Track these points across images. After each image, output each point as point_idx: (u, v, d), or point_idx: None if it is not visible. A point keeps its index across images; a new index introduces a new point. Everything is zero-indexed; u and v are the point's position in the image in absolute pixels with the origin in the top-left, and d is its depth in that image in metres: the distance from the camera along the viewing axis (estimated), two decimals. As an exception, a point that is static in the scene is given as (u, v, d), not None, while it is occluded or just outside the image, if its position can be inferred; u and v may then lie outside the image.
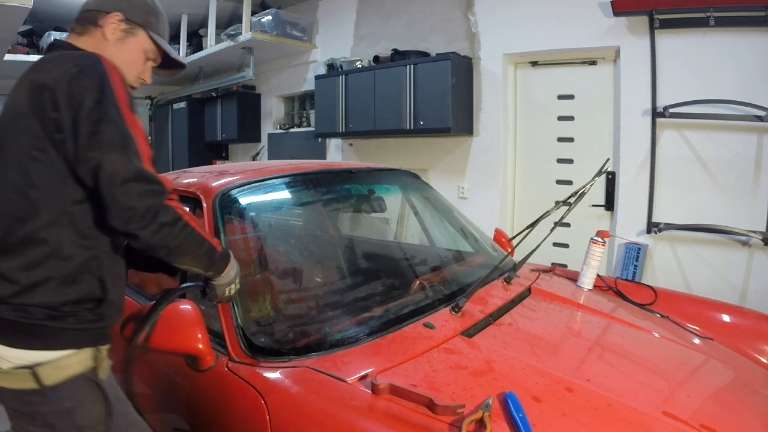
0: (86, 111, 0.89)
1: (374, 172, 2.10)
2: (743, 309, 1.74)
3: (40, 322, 0.91)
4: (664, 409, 1.08)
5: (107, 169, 0.88)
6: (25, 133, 0.93)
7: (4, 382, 0.92)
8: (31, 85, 0.94)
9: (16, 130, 0.94)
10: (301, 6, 4.77)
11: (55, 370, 0.92)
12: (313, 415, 1.02)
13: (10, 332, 0.91)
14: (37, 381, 0.90)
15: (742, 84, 2.55)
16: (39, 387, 0.90)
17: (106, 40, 1.09)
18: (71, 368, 0.94)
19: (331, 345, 1.25)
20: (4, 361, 0.91)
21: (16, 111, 0.95)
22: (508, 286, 1.71)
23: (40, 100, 0.92)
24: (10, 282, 0.91)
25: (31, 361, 0.90)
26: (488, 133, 3.53)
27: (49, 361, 0.91)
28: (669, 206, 2.83)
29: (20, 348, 0.91)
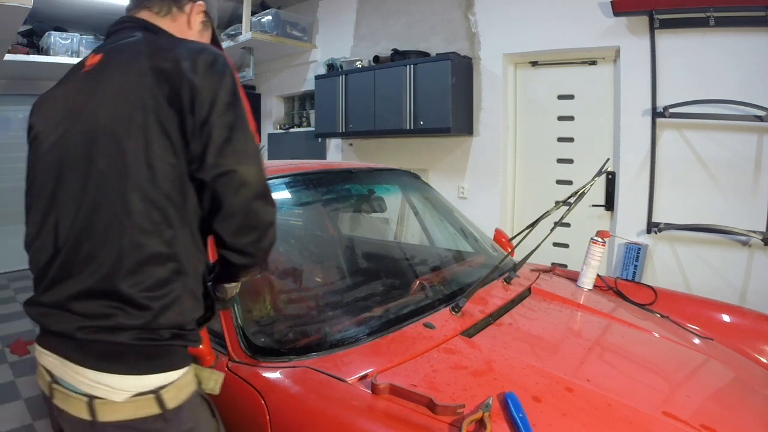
0: (220, 111, 0.80)
1: (374, 172, 2.10)
2: (743, 309, 1.74)
3: (165, 342, 0.82)
4: (664, 409, 1.08)
5: (240, 180, 0.80)
6: (154, 129, 0.79)
7: (116, 415, 0.79)
8: (154, 71, 0.81)
9: (142, 125, 0.79)
10: (301, 6, 4.77)
11: (178, 390, 0.84)
12: (313, 415, 1.02)
13: (131, 358, 0.80)
14: (160, 405, 0.81)
15: (742, 84, 2.55)
16: (162, 411, 0.81)
17: (189, 28, 1.00)
18: (190, 386, 0.87)
19: (331, 345, 1.25)
20: (119, 393, 0.79)
21: (130, 102, 0.80)
22: (508, 286, 1.71)
23: (173, 90, 0.79)
24: (140, 308, 0.79)
25: (155, 385, 0.81)
26: (488, 133, 3.53)
27: (171, 382, 0.83)
28: (669, 206, 2.83)
29: (142, 374, 0.80)
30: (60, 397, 0.81)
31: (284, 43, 4.37)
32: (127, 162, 0.78)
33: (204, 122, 0.79)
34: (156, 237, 0.80)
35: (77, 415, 0.79)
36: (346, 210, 2.27)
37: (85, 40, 4.37)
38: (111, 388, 0.78)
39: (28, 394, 2.46)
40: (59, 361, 0.80)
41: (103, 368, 0.78)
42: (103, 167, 0.79)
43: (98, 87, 0.84)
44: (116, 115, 0.80)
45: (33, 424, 2.21)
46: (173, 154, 0.80)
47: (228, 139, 0.80)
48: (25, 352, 2.98)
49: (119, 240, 0.78)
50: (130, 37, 0.90)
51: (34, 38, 4.35)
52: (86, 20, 4.64)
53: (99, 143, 0.80)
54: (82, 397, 0.78)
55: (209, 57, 0.82)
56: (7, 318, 3.61)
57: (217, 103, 0.80)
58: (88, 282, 0.79)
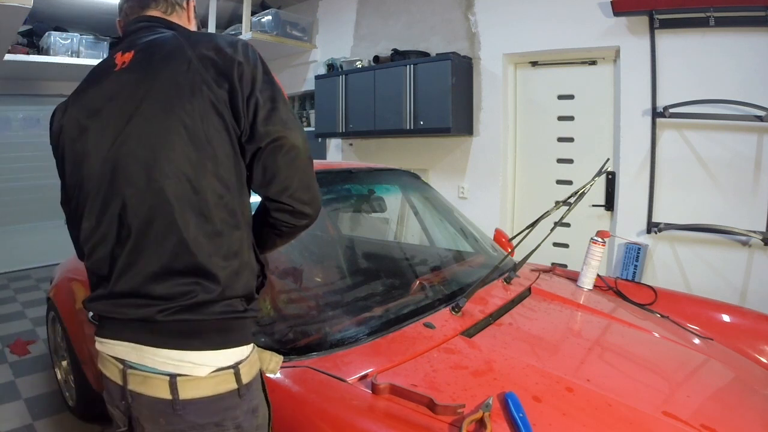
0: (261, 87, 0.86)
1: (374, 172, 2.10)
2: (743, 309, 1.74)
3: (240, 315, 0.85)
4: (664, 409, 1.08)
5: (291, 144, 0.86)
6: (208, 110, 0.83)
7: (198, 392, 0.81)
8: (200, 59, 0.85)
9: (198, 107, 0.83)
10: (301, 6, 4.77)
11: (250, 366, 0.87)
12: (314, 415, 1.02)
13: (212, 334, 0.83)
14: (237, 380, 0.84)
15: (742, 84, 2.55)
16: (238, 387, 0.84)
17: (189, 23, 1.07)
18: (257, 364, 0.91)
19: (332, 345, 1.25)
20: (201, 368, 0.81)
21: (183, 87, 0.83)
22: (508, 286, 1.71)
23: (221, 72, 0.85)
24: (215, 280, 0.82)
25: (233, 360, 0.84)
26: (488, 133, 3.53)
27: (246, 357, 0.86)
28: (669, 206, 2.83)
29: (222, 348, 0.83)
30: (137, 381, 0.82)
31: (284, 43, 4.37)
32: (188, 140, 0.82)
33: (249, 96, 0.85)
34: (222, 208, 0.84)
35: (157, 395, 0.81)
36: (347, 210, 2.27)
37: (85, 40, 4.37)
38: (193, 364, 0.81)
39: (28, 394, 2.46)
40: (132, 348, 0.82)
41: (185, 346, 0.81)
42: (168, 151, 0.82)
43: (144, 80, 0.86)
44: (172, 102, 0.83)
45: (33, 424, 2.21)
46: (225, 129, 0.84)
47: (273, 110, 0.86)
48: (25, 352, 2.97)
49: (189, 215, 0.81)
50: (158, 34, 0.94)
51: (34, 38, 4.34)
52: (86, 20, 4.64)
53: (158, 131, 0.83)
54: (164, 376, 0.80)
55: (244, 44, 0.90)
56: (7, 318, 3.61)
57: (257, 79, 0.86)
58: (164, 260, 0.81)
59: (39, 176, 4.99)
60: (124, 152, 0.84)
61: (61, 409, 2.31)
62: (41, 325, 3.38)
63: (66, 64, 4.19)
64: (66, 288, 2.17)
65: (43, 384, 2.56)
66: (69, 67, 4.25)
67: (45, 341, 2.88)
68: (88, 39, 4.40)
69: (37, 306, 3.84)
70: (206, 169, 0.82)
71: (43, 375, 2.66)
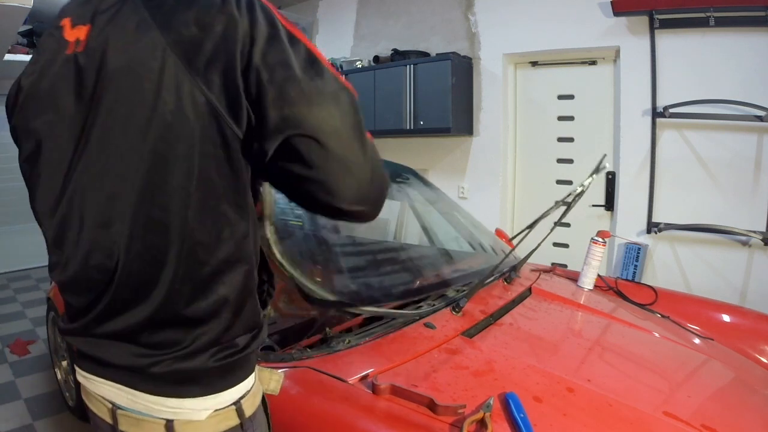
0: (263, 48, 0.61)
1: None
2: (743, 309, 1.75)
3: (242, 352, 0.73)
4: (664, 409, 1.08)
5: (325, 128, 0.61)
6: (195, 123, 0.61)
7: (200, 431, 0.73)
8: (174, 47, 0.61)
9: (184, 127, 0.61)
10: (301, 6, 4.77)
11: (253, 397, 0.78)
12: (314, 416, 1.02)
13: (211, 379, 0.72)
14: (240, 415, 0.75)
15: (742, 84, 2.55)
16: (241, 421, 0.75)
17: None
18: (260, 390, 0.82)
19: (332, 345, 1.25)
20: (200, 413, 0.72)
21: (149, 87, 0.61)
22: (508, 286, 1.71)
23: (205, 57, 0.60)
24: (209, 322, 0.70)
25: (235, 398, 0.75)
26: (488, 133, 3.53)
27: (248, 390, 0.77)
28: (669, 206, 2.83)
29: (223, 391, 0.73)
30: (129, 422, 0.73)
31: (284, 43, 4.37)
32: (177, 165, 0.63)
33: (245, 71, 0.60)
34: (216, 246, 0.67)
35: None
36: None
37: (84, 40, 4.36)
38: (192, 410, 0.71)
39: (28, 394, 2.46)
40: (124, 392, 0.72)
41: (182, 394, 0.70)
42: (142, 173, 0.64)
43: (105, 78, 0.65)
44: (142, 119, 0.62)
45: (33, 424, 2.21)
46: (220, 141, 0.63)
47: (287, 79, 0.60)
48: (25, 352, 2.97)
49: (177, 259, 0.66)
50: (119, 1, 0.67)
51: (34, 38, 4.34)
52: (86, 20, 4.64)
53: (131, 157, 0.64)
54: (160, 420, 0.71)
55: (231, 7, 0.62)
56: (7, 318, 3.61)
57: (255, 42, 0.61)
58: (151, 309, 0.67)
59: (39, 176, 4.99)
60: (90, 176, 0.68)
61: (61, 409, 2.31)
62: (41, 325, 3.38)
63: (66, 64, 4.19)
64: (66, 288, 2.17)
65: (43, 384, 2.56)
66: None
67: (45, 341, 2.88)
68: (87, 39, 4.39)
69: (37, 306, 3.84)
70: (214, 210, 0.66)
71: (43, 375, 2.66)
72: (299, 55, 0.64)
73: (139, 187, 0.64)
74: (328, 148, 0.62)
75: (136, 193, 0.64)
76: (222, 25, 0.61)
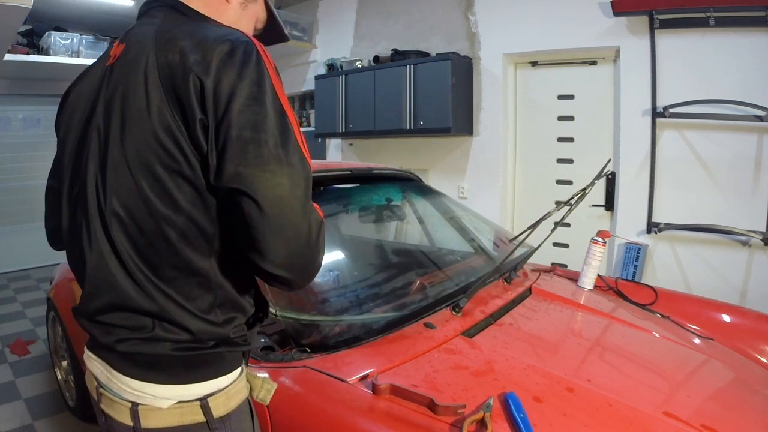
0: (240, 107, 0.67)
1: (373, 173, 2.09)
2: (743, 309, 1.75)
3: (209, 350, 0.76)
4: (664, 409, 1.08)
5: (268, 195, 0.66)
6: (164, 141, 0.69)
7: (159, 422, 0.75)
8: (159, 67, 0.70)
9: (150, 139, 0.69)
10: (301, 6, 4.77)
11: (227, 398, 0.79)
12: (314, 416, 1.02)
13: (174, 369, 0.75)
14: (205, 413, 0.76)
15: (742, 84, 2.55)
16: (206, 420, 0.76)
17: (227, 1, 0.85)
18: (241, 393, 0.82)
19: (332, 345, 1.25)
20: (162, 401, 0.75)
21: (136, 110, 0.70)
22: (508, 286, 1.71)
23: (176, 89, 0.68)
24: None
25: (201, 393, 0.76)
26: (488, 133, 3.53)
27: (221, 389, 0.78)
28: (669, 206, 2.83)
29: (187, 383, 0.76)
30: (106, 402, 0.79)
31: (284, 43, 4.37)
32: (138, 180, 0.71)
33: (219, 122, 0.67)
34: (185, 254, 0.72)
35: (121, 420, 0.77)
36: (347, 210, 2.27)
37: (85, 40, 4.37)
38: (154, 397, 0.75)
39: (28, 394, 2.46)
40: (105, 369, 0.78)
41: (146, 378, 0.75)
42: (114, 182, 0.73)
43: (113, 90, 0.75)
44: (124, 129, 0.71)
45: (33, 424, 2.21)
46: (186, 165, 0.69)
47: (252, 141, 0.66)
48: (25, 352, 2.97)
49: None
50: (149, 25, 0.78)
51: (34, 38, 4.34)
52: (86, 20, 4.64)
53: (109, 155, 0.74)
54: (126, 403, 0.76)
55: (226, 46, 0.69)
56: (7, 318, 3.61)
57: (235, 97, 0.67)
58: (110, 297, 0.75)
59: (39, 176, 4.98)
60: (81, 177, 0.79)
61: (61, 409, 2.31)
62: (41, 325, 3.38)
63: (66, 64, 4.19)
64: (66, 288, 2.17)
65: (43, 384, 2.56)
66: (69, 67, 4.25)
67: (45, 341, 2.88)
68: (88, 39, 4.40)
69: (37, 306, 3.84)
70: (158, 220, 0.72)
71: (43, 375, 2.66)
72: (273, 120, 0.69)
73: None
74: (267, 213, 0.66)
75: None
76: (209, 70, 0.68)
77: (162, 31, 0.74)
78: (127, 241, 0.73)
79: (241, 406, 0.81)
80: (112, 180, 0.72)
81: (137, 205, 0.71)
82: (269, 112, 0.69)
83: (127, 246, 0.73)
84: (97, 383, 0.81)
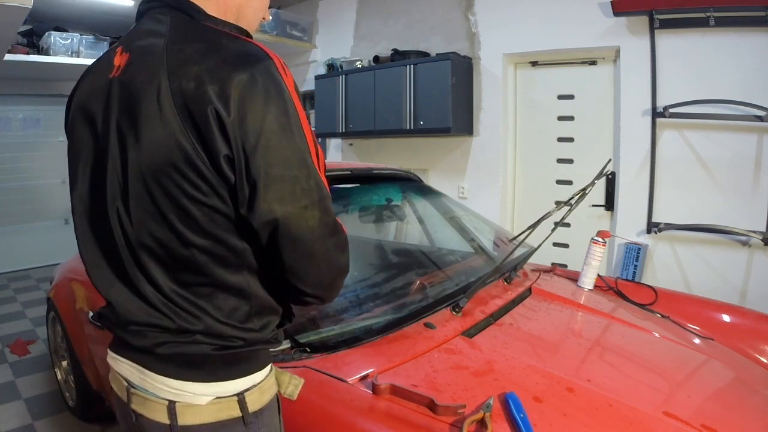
0: (269, 143, 0.67)
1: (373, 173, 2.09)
2: (743, 309, 1.75)
3: (246, 348, 0.79)
4: (664, 409, 1.08)
5: (299, 226, 0.70)
6: (189, 178, 0.68)
7: (196, 419, 0.76)
8: (175, 95, 0.67)
9: (174, 172, 0.68)
10: (301, 6, 4.77)
11: (261, 393, 0.81)
12: (314, 416, 1.02)
13: (213, 367, 0.77)
14: (242, 408, 0.78)
15: (742, 84, 2.55)
16: (242, 415, 0.78)
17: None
18: (272, 389, 0.84)
19: (332, 345, 1.25)
20: (201, 398, 0.76)
21: (153, 139, 0.68)
22: (508, 286, 1.71)
23: (197, 126, 0.66)
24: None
25: (238, 389, 0.78)
26: (488, 133, 3.53)
27: (255, 384, 0.80)
28: (669, 206, 2.83)
29: (225, 380, 0.77)
30: (138, 402, 0.79)
31: (284, 43, 4.37)
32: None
33: (248, 159, 0.66)
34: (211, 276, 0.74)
35: (156, 419, 0.77)
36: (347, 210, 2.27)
37: (85, 40, 4.37)
38: (193, 394, 0.76)
39: (28, 394, 2.46)
40: (137, 370, 0.79)
41: (185, 377, 0.76)
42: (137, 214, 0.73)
43: (124, 113, 0.72)
44: (141, 159, 0.70)
45: (33, 424, 2.21)
46: (212, 195, 0.70)
47: (282, 178, 0.68)
48: (25, 352, 2.98)
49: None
50: (155, 34, 0.74)
51: (34, 38, 4.34)
52: (86, 20, 4.64)
53: (131, 187, 0.72)
54: (163, 401, 0.76)
55: (245, 75, 0.66)
56: (7, 318, 3.61)
57: (264, 133, 0.66)
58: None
59: (39, 176, 4.99)
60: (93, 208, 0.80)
61: (61, 409, 2.31)
62: (41, 325, 3.38)
63: (66, 64, 4.19)
64: (66, 288, 2.17)
65: (43, 384, 2.56)
66: (69, 67, 4.25)
67: (45, 341, 2.88)
68: (88, 39, 4.40)
69: (37, 306, 3.84)
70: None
71: (43, 375, 2.66)
72: (301, 151, 0.71)
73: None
74: (300, 245, 0.71)
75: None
76: (229, 99, 0.66)
77: (174, 49, 0.70)
78: (158, 266, 0.74)
79: (272, 401, 0.84)
80: (137, 213, 0.72)
81: (168, 236, 0.72)
82: (298, 144, 0.70)
83: (160, 271, 0.74)
84: (127, 384, 0.80)
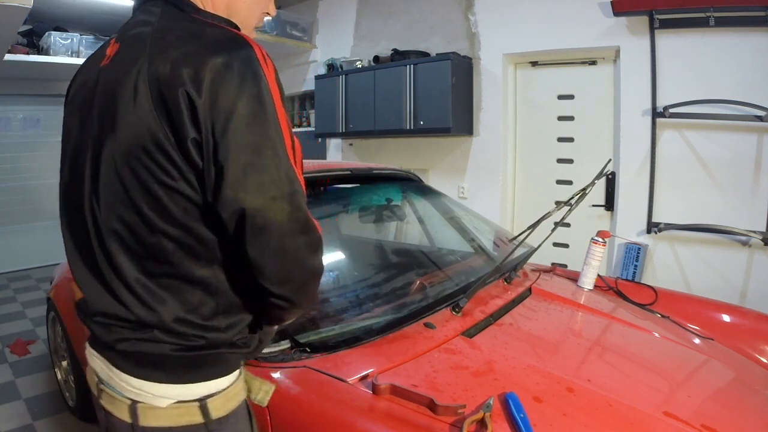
0: (239, 128, 0.65)
1: (373, 173, 2.09)
2: (743, 309, 1.75)
3: (211, 351, 0.77)
4: (664, 409, 1.08)
5: (267, 218, 0.67)
6: (157, 161, 0.68)
7: (157, 421, 0.75)
8: (151, 79, 0.66)
9: (142, 157, 0.68)
10: (301, 6, 4.77)
11: (226, 400, 0.78)
12: (314, 416, 1.02)
13: (174, 368, 0.75)
14: (204, 414, 0.76)
15: (742, 84, 2.55)
16: (204, 421, 0.76)
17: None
18: (239, 395, 0.81)
19: (332, 345, 1.25)
20: (161, 400, 0.75)
21: (127, 122, 0.68)
22: (508, 286, 1.71)
23: (168, 108, 0.65)
24: None
25: (200, 394, 0.76)
26: (488, 133, 3.53)
27: (221, 390, 0.77)
28: (669, 206, 2.83)
29: (187, 383, 0.75)
30: (106, 398, 0.79)
31: (284, 43, 4.37)
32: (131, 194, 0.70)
33: (217, 143, 0.65)
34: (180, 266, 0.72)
35: (121, 417, 0.77)
36: (347, 210, 2.27)
37: (85, 40, 4.36)
38: (153, 395, 0.75)
39: (28, 394, 2.46)
40: (105, 366, 0.78)
41: (146, 377, 0.75)
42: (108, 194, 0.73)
43: (105, 98, 0.73)
44: (114, 143, 0.70)
45: (33, 424, 2.21)
46: (181, 181, 0.69)
47: (251, 166, 0.66)
48: (25, 352, 2.97)
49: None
50: (145, 24, 0.74)
51: (34, 38, 4.34)
52: (86, 20, 4.64)
53: (102, 168, 0.73)
54: (126, 400, 0.76)
55: (220, 58, 0.65)
56: (7, 318, 3.61)
57: (234, 116, 0.65)
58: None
59: (39, 176, 4.99)
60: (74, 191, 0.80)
61: (61, 409, 2.31)
62: (41, 325, 3.38)
63: (66, 64, 4.19)
64: (66, 288, 2.17)
65: (43, 384, 2.56)
66: (69, 67, 4.24)
67: (45, 341, 2.88)
68: (88, 39, 4.39)
69: (37, 306, 3.84)
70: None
71: (43, 375, 2.66)
72: (273, 140, 0.68)
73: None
74: (268, 238, 0.68)
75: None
76: (202, 81, 0.65)
77: (157, 36, 0.70)
78: (125, 255, 0.73)
79: (239, 408, 0.81)
80: (107, 197, 0.72)
81: (135, 221, 0.71)
82: (270, 133, 0.68)
83: (126, 260, 0.73)
84: (97, 379, 0.81)
